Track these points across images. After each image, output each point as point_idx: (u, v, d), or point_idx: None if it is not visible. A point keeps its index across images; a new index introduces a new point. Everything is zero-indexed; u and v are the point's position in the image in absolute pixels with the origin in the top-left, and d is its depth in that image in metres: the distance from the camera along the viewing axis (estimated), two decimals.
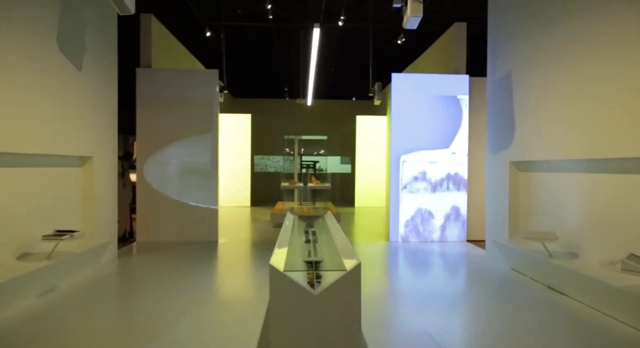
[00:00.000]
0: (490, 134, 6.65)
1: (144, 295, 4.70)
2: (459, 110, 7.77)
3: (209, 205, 7.64)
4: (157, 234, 7.58)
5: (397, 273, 5.94)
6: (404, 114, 7.75)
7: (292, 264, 2.98)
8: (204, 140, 7.65)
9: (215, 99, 7.71)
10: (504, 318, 4.09)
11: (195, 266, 5.89)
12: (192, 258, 6.37)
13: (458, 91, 7.79)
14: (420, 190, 7.69)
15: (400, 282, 5.39)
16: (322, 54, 12.05)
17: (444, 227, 7.80)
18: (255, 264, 6.21)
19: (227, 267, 6.12)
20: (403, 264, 6.46)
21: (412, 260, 6.59)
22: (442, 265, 6.34)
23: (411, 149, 7.69)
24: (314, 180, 10.82)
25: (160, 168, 7.59)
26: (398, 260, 6.65)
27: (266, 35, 11.29)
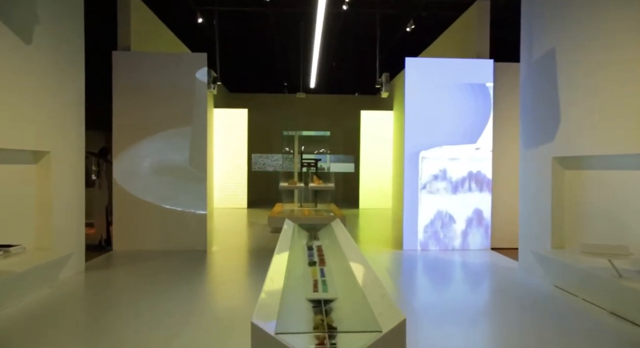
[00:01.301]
0: (525, 126, 5.57)
1: (106, 324, 3.62)
2: (487, 100, 6.68)
3: (197, 210, 6.56)
4: (137, 242, 6.49)
5: (420, 293, 4.85)
6: (420, 104, 6.66)
7: (289, 310, 1.91)
8: (192, 135, 6.57)
9: (204, 88, 6.62)
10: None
11: (176, 284, 4.81)
12: (174, 273, 5.29)
13: (481, 78, 6.71)
14: (440, 191, 6.61)
15: (426, 304, 4.31)
16: (323, 46, 10.98)
17: (466, 233, 6.72)
18: (248, 280, 5.13)
19: (215, 283, 5.04)
20: (426, 280, 5.38)
21: (435, 274, 5.51)
22: (471, 281, 5.26)
23: (432, 144, 6.60)
24: (316, 180, 9.75)
25: (140, 166, 6.51)
26: (419, 274, 5.58)
27: (264, 25, 10.19)
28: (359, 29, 10.62)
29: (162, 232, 6.53)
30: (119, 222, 6.49)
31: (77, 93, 5.23)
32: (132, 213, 6.47)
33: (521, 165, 5.64)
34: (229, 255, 6.41)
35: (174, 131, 6.53)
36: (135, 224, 6.49)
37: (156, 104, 6.51)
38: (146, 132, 6.49)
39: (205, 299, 4.39)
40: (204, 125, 6.57)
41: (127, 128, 6.47)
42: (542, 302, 4.34)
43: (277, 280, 2.32)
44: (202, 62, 6.61)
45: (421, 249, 6.62)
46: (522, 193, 5.63)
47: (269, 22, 10.02)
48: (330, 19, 9.36)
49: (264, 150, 14.68)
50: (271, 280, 2.23)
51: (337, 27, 10.27)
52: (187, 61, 6.67)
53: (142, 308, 4.02)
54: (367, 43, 10.74)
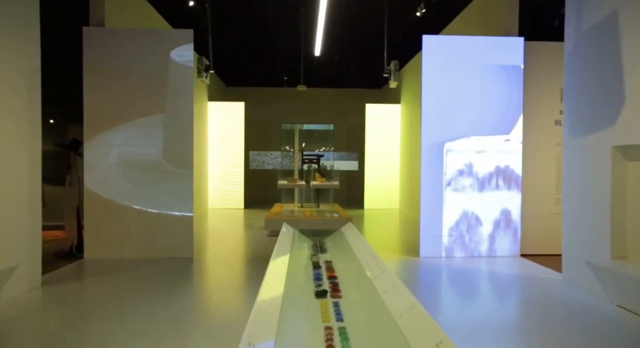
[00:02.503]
0: (571, 110, 4.59)
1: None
2: (520, 85, 5.71)
3: (181, 212, 5.58)
4: (112, 249, 5.52)
5: (456, 314, 3.86)
6: (441, 89, 5.69)
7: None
8: (175, 127, 5.59)
9: (190, 72, 5.64)
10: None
11: (151, 303, 3.83)
12: (153, 286, 4.32)
13: (510, 59, 5.73)
14: (465, 188, 5.63)
15: (467, 327, 3.33)
16: (326, 37, 10.01)
17: (493, 237, 5.74)
18: (238, 297, 4.15)
19: (198, 302, 4.05)
20: (458, 296, 4.39)
21: (467, 289, 4.52)
22: (511, 298, 4.29)
23: (457, 135, 5.62)
24: (318, 178, 8.77)
25: (114, 161, 5.53)
26: (448, 288, 4.59)
27: (262, 14, 9.21)
28: (364, 19, 9.64)
29: (140, 237, 5.56)
30: (90, 226, 5.52)
31: (31, 73, 4.25)
32: (105, 215, 5.50)
33: (566, 156, 4.66)
34: (219, 264, 5.44)
35: (154, 121, 5.56)
36: (109, 228, 5.52)
37: (134, 88, 5.54)
38: (121, 121, 5.52)
39: (187, 318, 3.41)
40: (189, 115, 5.60)
41: (99, 116, 5.50)
42: (605, 327, 3.37)
43: (270, 327, 1.34)
44: (187, 39, 5.63)
45: (445, 256, 5.63)
46: (566, 191, 4.65)
47: (267, 11, 9.05)
48: (334, 7, 8.41)
49: (262, 148, 13.71)
50: (255, 330, 1.26)
51: (339, 17, 9.29)
52: (171, 38, 5.68)
53: (110, 332, 3.04)
54: (372, 34, 9.77)
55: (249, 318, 1.45)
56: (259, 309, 1.53)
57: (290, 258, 2.42)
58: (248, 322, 1.43)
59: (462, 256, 5.66)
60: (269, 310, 1.53)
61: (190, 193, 5.59)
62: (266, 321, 1.46)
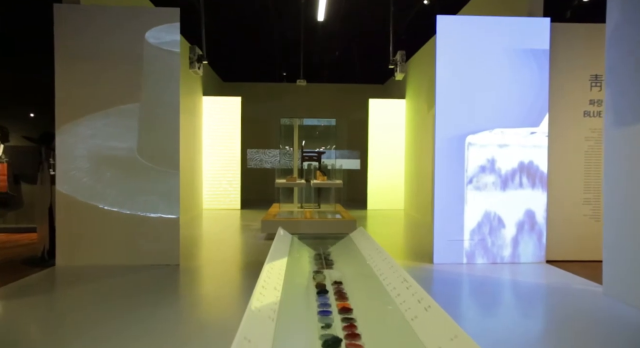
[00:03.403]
0: (615, 97, 3.92)
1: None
2: (546, 71, 5.05)
3: (166, 214, 4.91)
4: (87, 255, 4.85)
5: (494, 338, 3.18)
6: (457, 75, 5.03)
7: None
8: (159, 120, 4.93)
9: (176, 56, 4.97)
10: None
11: (130, 316, 3.15)
12: (131, 298, 3.64)
13: (535, 42, 5.07)
14: (488, 186, 4.96)
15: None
16: (326, 32, 9.36)
17: (516, 241, 5.08)
18: (226, 313, 3.47)
19: (181, 322, 3.37)
20: (488, 315, 3.72)
21: (500, 304, 3.85)
22: (552, 316, 3.62)
23: (480, 127, 4.96)
24: (319, 176, 8.10)
25: (89, 157, 4.86)
26: (474, 306, 3.92)
27: (260, 7, 8.54)
28: (366, 12, 8.97)
29: (120, 242, 4.88)
30: (62, 229, 4.84)
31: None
32: (78, 217, 4.83)
33: (608, 149, 3.99)
34: (208, 272, 4.77)
35: (132, 112, 4.88)
36: (83, 231, 4.84)
37: (112, 74, 4.87)
38: (96, 111, 4.85)
39: (167, 338, 2.74)
40: (175, 107, 4.92)
41: (72, 106, 4.83)
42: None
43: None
44: (173, 18, 4.95)
45: (467, 262, 4.96)
46: (608, 189, 3.98)
47: (266, 1, 8.37)
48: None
49: (260, 145, 13.06)
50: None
51: (341, 8, 8.62)
52: (154, 17, 5.00)
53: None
54: (376, 24, 9.12)
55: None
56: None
57: (285, 276, 1.76)
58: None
59: (483, 263, 4.99)
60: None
61: (176, 193, 4.91)
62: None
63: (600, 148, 5.28)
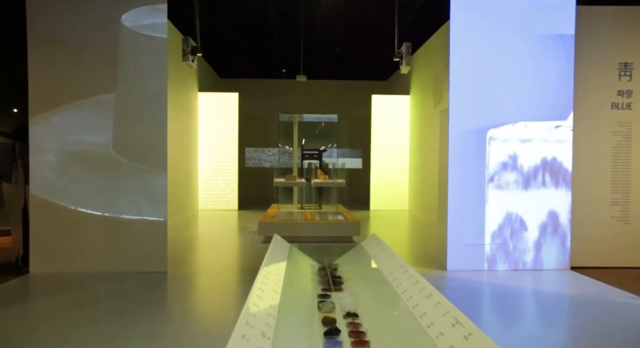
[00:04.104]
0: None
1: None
2: (572, 58, 4.55)
3: (151, 216, 4.41)
4: (64, 262, 4.35)
5: None
6: (474, 63, 4.53)
7: None
8: (141, 111, 4.43)
9: (162, 42, 4.47)
10: None
11: (102, 340, 2.65)
12: (104, 317, 3.14)
13: (558, 26, 4.57)
14: (510, 185, 4.46)
15: None
16: (327, 27, 8.86)
17: (539, 245, 4.58)
18: (217, 328, 2.97)
19: (164, 338, 2.87)
20: (522, 335, 3.21)
21: (527, 323, 3.34)
22: (602, 337, 3.12)
23: (502, 120, 4.46)
24: (320, 175, 7.60)
25: (64, 154, 4.36)
26: (504, 325, 3.42)
27: (259, 3, 8.05)
28: (368, 4, 8.47)
29: (100, 247, 4.39)
30: (37, 233, 4.34)
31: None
32: (55, 220, 4.33)
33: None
34: (197, 280, 4.27)
35: (115, 104, 4.39)
36: (60, 236, 4.35)
37: (89, 63, 4.37)
38: (76, 104, 4.35)
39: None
40: (162, 100, 4.42)
41: (46, 98, 4.33)
42: None
43: None
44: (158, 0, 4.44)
45: (488, 268, 4.46)
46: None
47: None
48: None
49: (258, 144, 12.56)
50: None
51: (341, 5, 8.13)
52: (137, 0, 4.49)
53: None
54: (378, 20, 8.63)
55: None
56: None
57: (281, 305, 1.27)
58: None
59: (505, 269, 4.49)
60: None
61: (163, 194, 4.41)
62: None
63: (630, 143, 4.80)
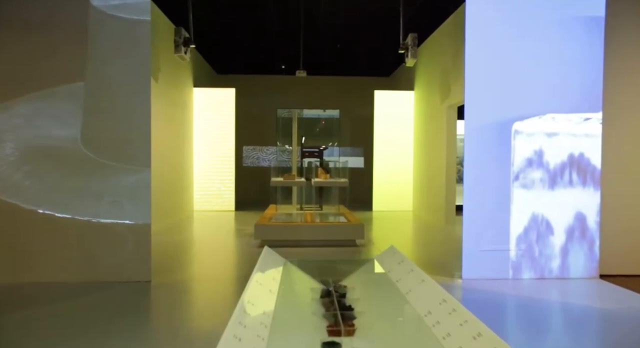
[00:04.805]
0: None
1: None
2: (601, 44, 4.06)
3: (133, 220, 3.91)
4: (33, 271, 3.85)
5: None
6: (493, 50, 4.04)
7: None
8: (116, 103, 3.93)
9: (144, 25, 3.97)
10: None
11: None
12: (75, 334, 2.63)
13: (588, 6, 4.08)
14: (535, 184, 3.97)
15: None
16: (327, 23, 8.35)
17: (566, 251, 4.08)
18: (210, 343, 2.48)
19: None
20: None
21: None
22: None
23: (528, 112, 3.96)
24: (321, 174, 7.11)
25: (28, 150, 3.86)
26: None
27: None
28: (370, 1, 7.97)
29: (74, 254, 3.89)
30: (1, 239, 3.84)
31: None
32: (22, 224, 3.82)
33: None
34: (184, 291, 3.77)
35: (94, 94, 3.89)
36: (28, 242, 3.84)
37: (60, 47, 3.87)
38: (45, 93, 3.85)
39: None
40: (143, 90, 3.92)
41: (9, 86, 3.83)
42: None
43: None
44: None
45: (513, 277, 3.96)
46: None
47: None
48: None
49: (257, 142, 12.06)
50: None
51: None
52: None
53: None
54: (381, 12, 8.12)
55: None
56: None
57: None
58: None
59: (530, 277, 3.99)
60: None
61: (146, 195, 3.91)
62: None
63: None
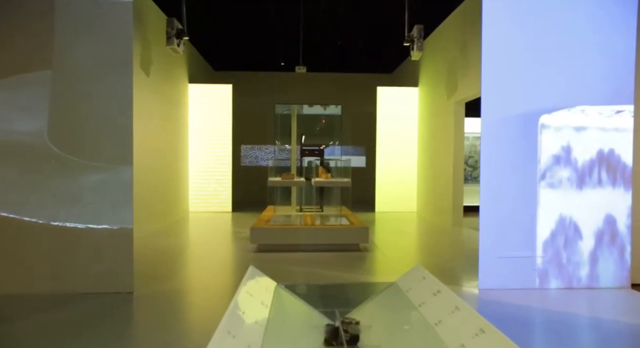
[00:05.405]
0: None
1: None
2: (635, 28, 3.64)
3: (113, 224, 3.48)
4: (8, 281, 3.42)
5: None
6: (515, 34, 3.61)
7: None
8: (99, 96, 3.50)
9: (122, 5, 3.54)
10: None
11: None
12: None
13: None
14: (562, 183, 3.54)
15: None
16: (327, 20, 7.92)
17: (595, 257, 3.65)
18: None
19: None
20: None
21: None
22: None
23: (556, 104, 3.53)
24: (322, 173, 6.69)
25: (7, 145, 3.44)
26: None
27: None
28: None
29: (46, 263, 3.46)
30: None
31: None
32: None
33: None
34: (171, 304, 3.33)
35: (62, 83, 3.46)
36: (2, 248, 3.42)
37: (22, 31, 3.45)
38: (6, 82, 3.42)
39: None
40: (125, 81, 3.49)
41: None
42: None
43: None
44: None
45: (539, 286, 3.53)
46: None
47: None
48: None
49: (255, 141, 11.63)
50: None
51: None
52: None
53: None
54: (382, 9, 7.69)
55: None
56: None
57: None
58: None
59: (562, 287, 3.56)
60: None
61: (127, 197, 3.48)
62: None
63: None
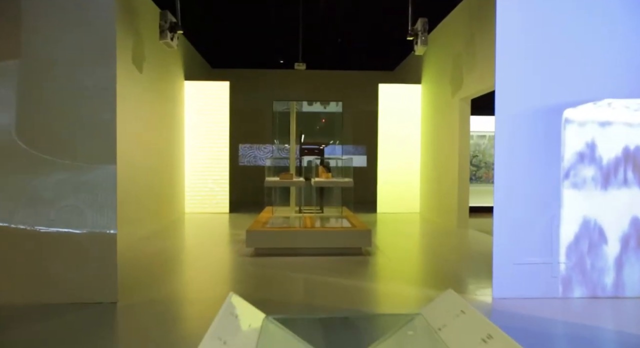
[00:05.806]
0: None
1: None
2: None
3: (96, 229, 3.17)
4: None
5: None
6: (534, 20, 3.31)
7: None
8: (83, 86, 3.19)
9: None
10: None
11: None
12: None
13: None
14: (587, 183, 3.23)
15: None
16: (328, 17, 7.63)
17: (620, 263, 3.35)
18: None
19: None
20: None
21: None
22: None
23: (580, 97, 3.23)
24: (323, 173, 6.38)
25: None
26: None
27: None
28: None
29: (21, 270, 3.15)
30: None
31: None
32: None
33: None
34: (157, 315, 3.02)
35: (32, 74, 3.15)
36: None
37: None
38: None
39: None
40: (108, 72, 3.19)
41: None
42: None
43: None
44: None
45: (562, 295, 3.22)
46: None
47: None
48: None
49: (254, 140, 11.32)
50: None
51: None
52: None
53: None
54: (382, 7, 7.40)
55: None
56: None
57: None
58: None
59: (587, 296, 3.25)
60: None
61: (111, 200, 3.17)
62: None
63: None
